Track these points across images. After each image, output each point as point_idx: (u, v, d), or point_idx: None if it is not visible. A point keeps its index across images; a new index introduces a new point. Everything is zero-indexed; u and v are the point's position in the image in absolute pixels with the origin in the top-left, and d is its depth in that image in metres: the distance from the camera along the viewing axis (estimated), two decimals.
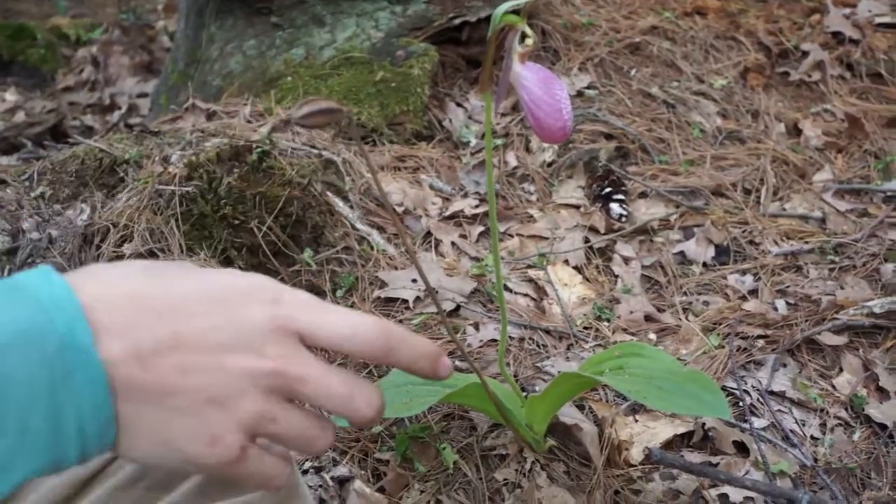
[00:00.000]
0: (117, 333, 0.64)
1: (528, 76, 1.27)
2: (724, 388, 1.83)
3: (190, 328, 0.66)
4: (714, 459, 1.66)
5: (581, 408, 1.76)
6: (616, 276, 2.24)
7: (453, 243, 2.27)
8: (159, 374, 0.65)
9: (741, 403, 1.78)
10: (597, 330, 2.03)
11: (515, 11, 1.27)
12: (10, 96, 3.82)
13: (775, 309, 2.10)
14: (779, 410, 1.80)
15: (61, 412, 0.62)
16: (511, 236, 2.34)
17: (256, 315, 0.68)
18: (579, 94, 2.84)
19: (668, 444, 1.70)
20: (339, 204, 2.25)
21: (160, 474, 0.89)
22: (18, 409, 0.60)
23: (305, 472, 1.59)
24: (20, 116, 3.55)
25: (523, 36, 1.28)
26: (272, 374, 0.68)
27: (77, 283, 0.65)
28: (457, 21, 2.87)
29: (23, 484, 0.63)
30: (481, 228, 2.33)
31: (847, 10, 3.37)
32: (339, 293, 2.07)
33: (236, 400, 0.67)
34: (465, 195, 2.45)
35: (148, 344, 0.65)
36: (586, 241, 2.33)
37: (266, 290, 0.70)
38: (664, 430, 1.71)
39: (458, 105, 2.79)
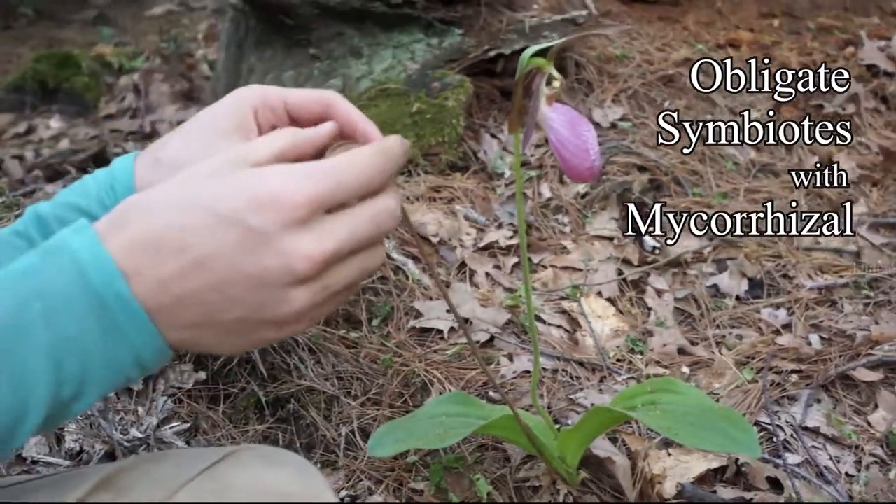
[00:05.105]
0: (145, 274, 0.70)
1: (555, 118, 1.29)
2: (757, 424, 1.83)
3: (207, 245, 0.71)
4: (747, 495, 1.66)
5: (614, 441, 1.77)
6: (649, 309, 2.25)
7: (488, 274, 2.29)
8: (194, 296, 0.72)
9: (775, 439, 1.78)
10: (630, 362, 2.04)
11: (542, 54, 1.30)
12: (55, 123, 3.92)
13: (809, 344, 2.09)
14: (813, 446, 1.80)
15: (116, 354, 0.70)
16: (545, 268, 2.36)
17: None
18: (612, 125, 2.86)
19: (701, 479, 1.70)
20: None
21: None
22: (79, 360, 0.69)
23: (342, 500, 1.61)
24: (64, 143, 3.63)
25: (550, 78, 1.30)
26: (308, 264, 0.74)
27: (106, 234, 0.71)
28: (492, 53, 2.91)
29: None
30: (515, 259, 2.36)
31: (882, 43, 3.37)
32: (375, 322, 2.10)
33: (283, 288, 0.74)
34: (500, 226, 2.48)
35: (174, 278, 0.71)
36: (619, 273, 2.34)
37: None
38: (697, 465, 1.71)
39: (493, 136, 2.83)
